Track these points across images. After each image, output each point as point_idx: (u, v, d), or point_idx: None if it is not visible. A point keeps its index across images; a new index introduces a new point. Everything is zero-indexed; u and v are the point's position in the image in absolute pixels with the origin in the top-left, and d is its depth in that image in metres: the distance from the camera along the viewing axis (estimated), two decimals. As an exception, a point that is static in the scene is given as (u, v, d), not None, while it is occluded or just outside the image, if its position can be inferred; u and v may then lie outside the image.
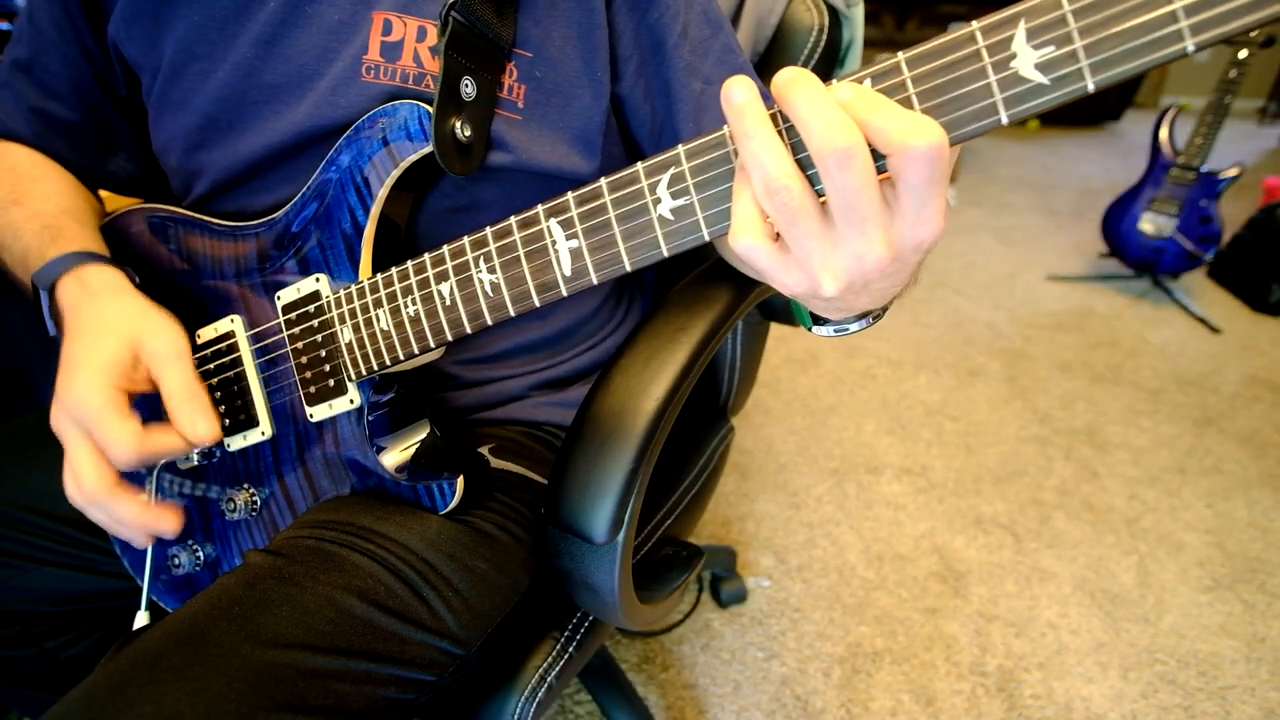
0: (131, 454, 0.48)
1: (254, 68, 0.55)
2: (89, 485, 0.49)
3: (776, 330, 0.95)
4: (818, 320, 0.47)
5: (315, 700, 0.42)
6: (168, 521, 0.51)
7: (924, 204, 0.32)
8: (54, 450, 0.66)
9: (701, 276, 0.65)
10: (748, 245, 0.36)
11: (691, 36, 0.58)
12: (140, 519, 0.50)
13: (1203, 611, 1.21)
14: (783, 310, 0.83)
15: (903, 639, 1.16)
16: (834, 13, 0.74)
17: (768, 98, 0.62)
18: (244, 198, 0.60)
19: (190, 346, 0.53)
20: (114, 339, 0.50)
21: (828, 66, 0.75)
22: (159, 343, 0.51)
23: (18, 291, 0.60)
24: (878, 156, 0.33)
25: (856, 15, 0.78)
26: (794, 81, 0.32)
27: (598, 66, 0.57)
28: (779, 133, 0.33)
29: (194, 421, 0.50)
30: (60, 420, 0.50)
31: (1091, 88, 0.29)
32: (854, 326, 0.45)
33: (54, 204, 0.60)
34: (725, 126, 0.36)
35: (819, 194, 0.34)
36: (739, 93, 0.33)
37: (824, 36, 0.72)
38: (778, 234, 0.36)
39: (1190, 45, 0.27)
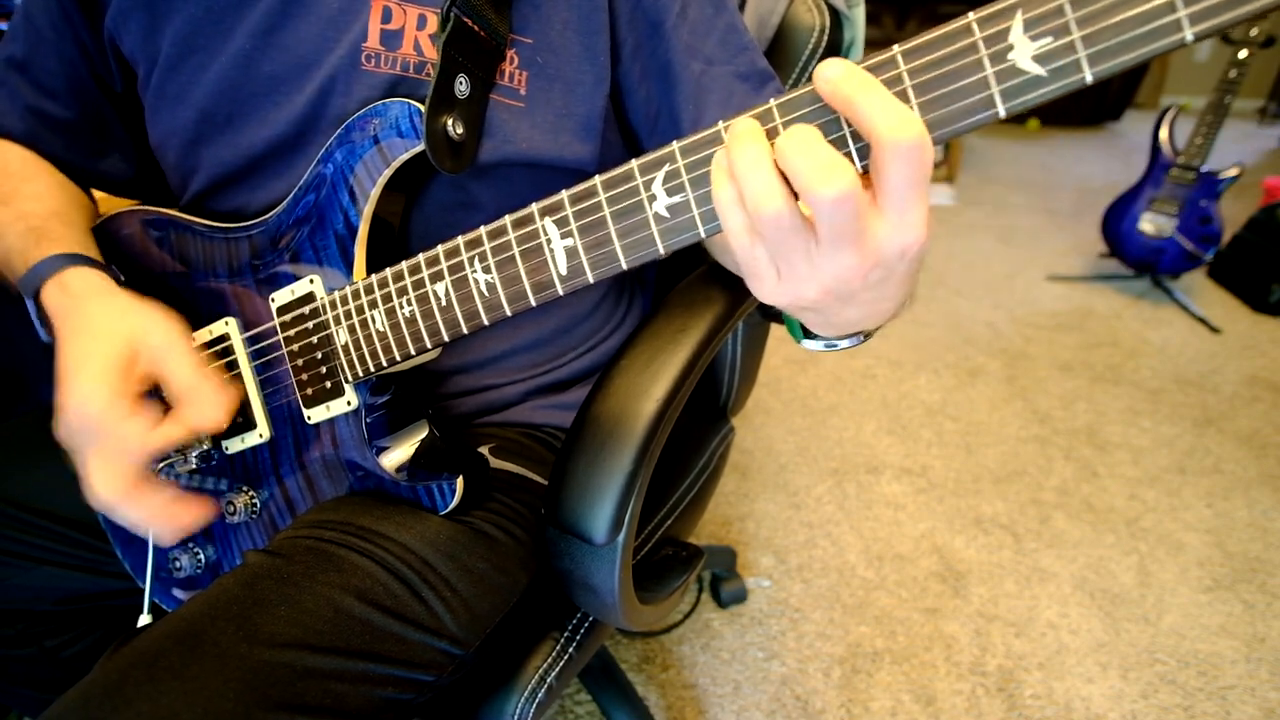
0: (139, 453, 0.47)
1: (252, 59, 0.55)
2: (103, 492, 0.47)
3: (777, 330, 0.95)
4: (808, 334, 0.47)
5: (312, 700, 0.42)
6: (191, 515, 0.50)
7: (907, 206, 0.31)
8: (54, 450, 0.66)
9: (702, 276, 0.65)
10: (744, 246, 0.35)
11: (691, 17, 0.57)
12: (159, 519, 0.48)
13: (1203, 611, 1.20)
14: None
15: (903, 639, 1.16)
16: (835, 13, 0.74)
17: (767, 89, 0.61)
18: (243, 194, 0.60)
19: (187, 335, 0.51)
20: (107, 341, 0.49)
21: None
22: (156, 336, 0.50)
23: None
24: (863, 156, 0.33)
25: (858, 16, 0.77)
26: (793, 135, 0.32)
27: (599, 51, 0.56)
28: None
29: (201, 412, 0.49)
30: (66, 432, 0.48)
31: (1089, 79, 0.29)
32: (843, 343, 0.45)
33: (42, 205, 0.59)
34: (720, 123, 0.35)
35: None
36: (742, 122, 0.34)
37: (825, 37, 0.72)
38: None
39: (1189, 35, 0.27)
